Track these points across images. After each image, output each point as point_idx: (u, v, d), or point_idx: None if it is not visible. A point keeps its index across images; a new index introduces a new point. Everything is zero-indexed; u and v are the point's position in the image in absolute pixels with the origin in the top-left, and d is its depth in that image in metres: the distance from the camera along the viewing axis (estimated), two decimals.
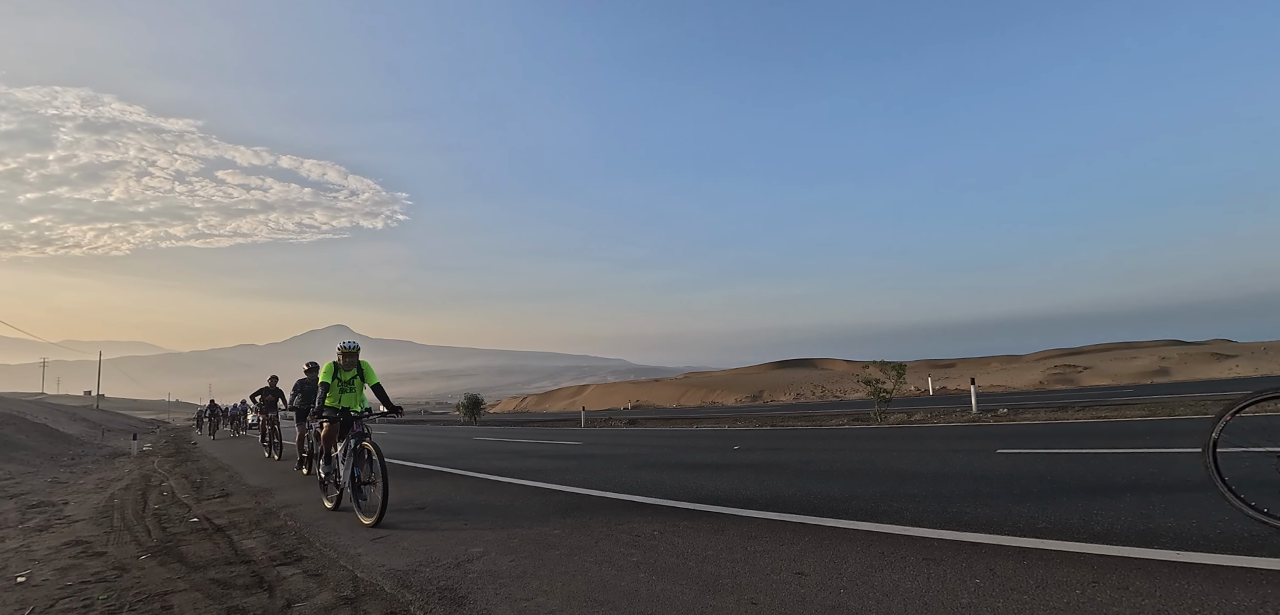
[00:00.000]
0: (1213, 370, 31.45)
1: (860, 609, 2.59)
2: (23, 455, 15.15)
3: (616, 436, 14.52)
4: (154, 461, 13.93)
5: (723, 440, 11.30)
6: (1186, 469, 4.98)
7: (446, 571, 3.64)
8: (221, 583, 3.71)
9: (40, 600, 3.56)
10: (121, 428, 34.52)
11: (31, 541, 5.38)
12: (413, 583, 3.45)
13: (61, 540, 5.35)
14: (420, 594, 3.24)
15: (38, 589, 3.82)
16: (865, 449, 8.30)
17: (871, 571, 3.03)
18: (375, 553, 4.23)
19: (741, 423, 17.11)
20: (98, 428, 31.79)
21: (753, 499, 5.12)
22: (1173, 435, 7.35)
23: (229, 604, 3.28)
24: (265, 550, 4.53)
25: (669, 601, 2.86)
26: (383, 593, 3.32)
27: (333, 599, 3.27)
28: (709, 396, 43.62)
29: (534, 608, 2.94)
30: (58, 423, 27.77)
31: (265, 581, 3.69)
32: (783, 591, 2.87)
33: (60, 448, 18.72)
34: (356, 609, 3.09)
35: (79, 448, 19.71)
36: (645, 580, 3.19)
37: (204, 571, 3.99)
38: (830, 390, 46.91)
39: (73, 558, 4.64)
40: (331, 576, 3.71)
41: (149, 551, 4.67)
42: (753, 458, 8.03)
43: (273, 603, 3.28)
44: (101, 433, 29.11)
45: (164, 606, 3.31)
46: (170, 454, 16.10)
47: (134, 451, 17.74)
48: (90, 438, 25.32)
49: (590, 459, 9.22)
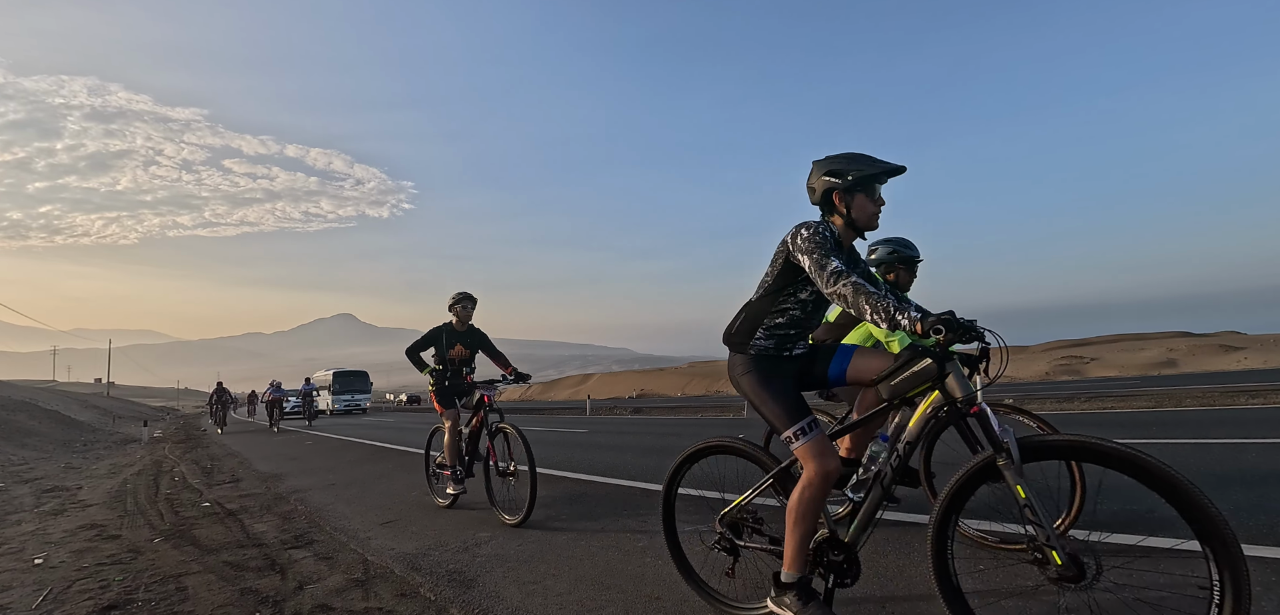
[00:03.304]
0: (1221, 362, 31.26)
1: (862, 589, 2.62)
2: (36, 441, 15.35)
3: (621, 425, 14.58)
4: (165, 448, 14.09)
5: (728, 429, 11.34)
6: (1189, 457, 4.97)
7: (455, 555, 3.69)
8: (234, 565, 3.77)
9: (57, 581, 3.63)
10: (132, 415, 34.88)
11: (47, 525, 5.47)
12: (422, 566, 3.50)
13: (76, 524, 5.44)
14: (430, 576, 3.29)
15: (55, 570, 3.90)
16: None
17: (876, 556, 3.06)
18: (385, 537, 4.29)
19: (747, 411, 17.14)
20: (108, 415, 32.14)
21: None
22: (1178, 426, 7.33)
23: (242, 586, 3.34)
24: (276, 534, 4.59)
25: (675, 585, 2.89)
26: (393, 575, 3.38)
27: (344, 581, 3.32)
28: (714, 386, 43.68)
29: (542, 590, 2.98)
30: (69, 409, 28.09)
31: (277, 564, 3.75)
32: None
33: (72, 434, 18.94)
34: (367, 591, 3.14)
35: (91, 434, 19.95)
36: (651, 565, 3.23)
37: (217, 554, 4.06)
38: None
39: (88, 541, 4.72)
40: (342, 559, 3.77)
41: (162, 535, 4.75)
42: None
43: (285, 584, 3.33)
44: (112, 419, 29.44)
45: (179, 588, 3.37)
46: (180, 440, 16.27)
47: (144, 438, 17.94)
48: (101, 424, 25.61)
49: (596, 447, 9.28)
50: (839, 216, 2.18)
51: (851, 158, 2.16)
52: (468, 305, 5.27)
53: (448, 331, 5.27)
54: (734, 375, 2.31)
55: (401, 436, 13.83)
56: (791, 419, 2.12)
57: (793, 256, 2.11)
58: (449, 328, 5.28)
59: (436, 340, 5.27)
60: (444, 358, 5.25)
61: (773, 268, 2.22)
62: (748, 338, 2.27)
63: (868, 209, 2.15)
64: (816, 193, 2.21)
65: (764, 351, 2.25)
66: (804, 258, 2.05)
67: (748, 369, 2.25)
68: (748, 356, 2.26)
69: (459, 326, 5.29)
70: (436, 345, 5.28)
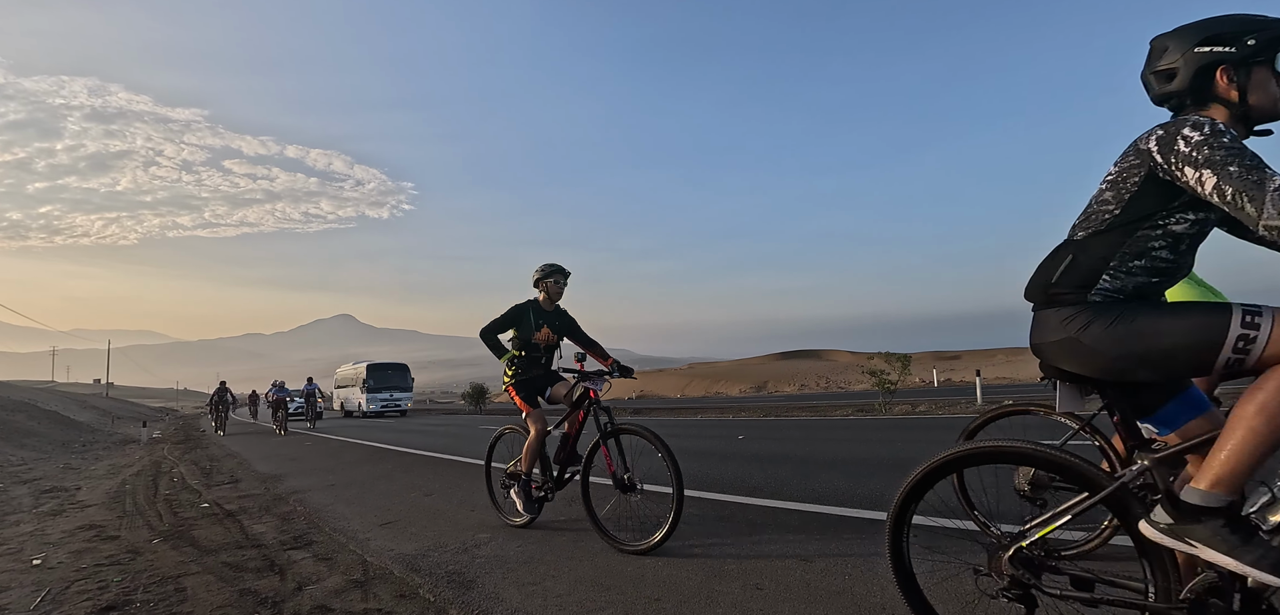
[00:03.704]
0: None
1: (864, 594, 2.62)
2: (34, 442, 15.33)
3: None
4: (164, 448, 14.07)
5: (727, 430, 11.33)
6: None
7: (454, 556, 3.68)
8: (233, 566, 3.76)
9: (56, 582, 3.62)
10: (131, 415, 34.85)
11: (45, 525, 5.46)
12: (421, 566, 3.49)
13: (75, 524, 5.43)
14: (429, 577, 3.28)
15: (53, 571, 3.89)
16: (870, 440, 8.31)
17: (877, 559, 3.05)
18: (384, 538, 4.28)
19: (746, 413, 17.14)
20: (107, 415, 32.11)
21: (757, 487, 5.15)
22: None
23: (241, 586, 3.33)
24: (275, 535, 4.58)
25: (675, 585, 2.89)
26: (392, 576, 3.37)
27: (343, 582, 3.31)
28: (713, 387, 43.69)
29: (541, 591, 2.97)
30: (68, 410, 28.07)
31: (276, 565, 3.74)
32: (787, 576, 2.90)
33: (71, 434, 18.93)
34: (366, 592, 3.14)
35: (89, 435, 19.93)
36: (651, 566, 3.22)
37: (216, 555, 4.05)
38: (835, 382, 46.90)
39: (86, 541, 4.71)
40: (341, 560, 3.76)
41: (161, 535, 4.74)
42: (757, 447, 8.06)
43: (284, 585, 3.32)
44: (111, 420, 29.41)
45: (177, 589, 3.36)
46: (179, 441, 16.25)
47: (144, 438, 17.93)
48: (100, 425, 25.59)
49: None
50: (1223, 107, 1.47)
51: (1240, 19, 1.44)
52: (560, 279, 4.32)
53: (534, 309, 4.29)
54: (1051, 339, 1.62)
55: (402, 437, 13.81)
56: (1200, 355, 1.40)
57: (1165, 170, 1.42)
58: (536, 306, 4.31)
59: (519, 320, 4.26)
60: (528, 342, 4.28)
61: (1118, 190, 1.52)
62: (1084, 285, 1.57)
63: (1273, 91, 1.43)
64: (1180, 77, 1.48)
65: (1114, 296, 1.55)
66: (1199, 172, 1.34)
67: (1092, 318, 1.53)
68: (1087, 307, 1.56)
69: (547, 305, 4.34)
70: (519, 326, 4.27)
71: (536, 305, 4.32)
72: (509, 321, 4.30)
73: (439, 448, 10.80)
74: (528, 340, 4.28)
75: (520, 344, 4.30)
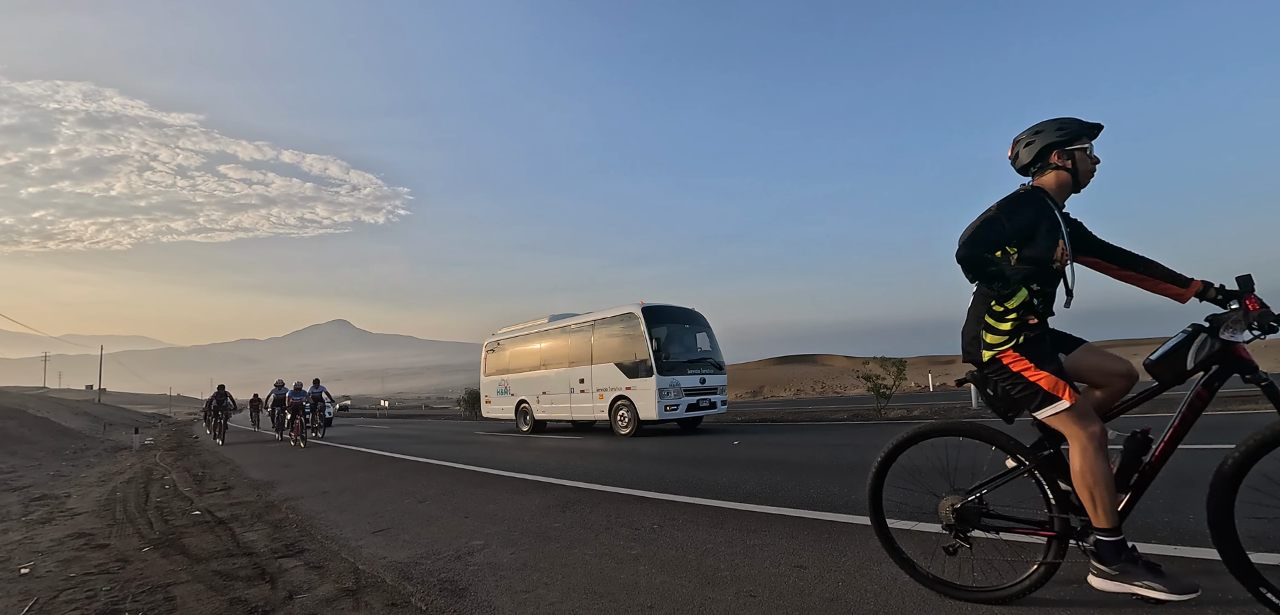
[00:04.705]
0: None
1: (858, 602, 2.61)
2: (25, 449, 15.20)
3: None
4: (156, 455, 13.96)
5: (722, 435, 11.32)
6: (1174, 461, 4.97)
7: (447, 563, 3.66)
8: (224, 574, 3.73)
9: (44, 591, 3.59)
10: (123, 422, 34.60)
11: (34, 534, 5.41)
12: (414, 574, 3.47)
13: (64, 532, 5.38)
14: (421, 585, 3.26)
15: (41, 580, 3.85)
16: (865, 445, 8.31)
17: (871, 564, 3.05)
18: (376, 546, 4.25)
19: (741, 418, 17.13)
20: (99, 422, 31.86)
21: (752, 493, 5.14)
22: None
23: (231, 596, 3.30)
24: (267, 543, 4.55)
25: (669, 594, 2.87)
26: (384, 584, 3.34)
27: (335, 591, 3.29)
28: None
29: (534, 599, 2.95)
30: (59, 417, 27.84)
31: (267, 573, 3.71)
32: (782, 584, 2.89)
33: (62, 442, 18.77)
34: (358, 601, 3.11)
35: (81, 442, 19.76)
36: (645, 573, 3.21)
37: (206, 563, 4.01)
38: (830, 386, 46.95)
39: (76, 550, 4.67)
40: (333, 568, 3.73)
41: (151, 544, 4.70)
42: (752, 453, 8.05)
43: (275, 594, 3.30)
44: (103, 427, 29.18)
45: (166, 598, 3.33)
46: (172, 448, 16.13)
47: (135, 445, 17.79)
48: (92, 432, 25.38)
49: (589, 453, 9.25)
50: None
51: None
52: (1090, 150, 2.32)
53: (1049, 209, 2.31)
54: None
55: (396, 443, 13.74)
56: None
57: None
58: (1045, 199, 2.32)
59: (1031, 224, 2.27)
60: (1046, 265, 2.22)
61: None
62: None
63: None
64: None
65: None
66: None
67: None
68: None
69: (1060, 199, 2.36)
70: (1031, 235, 2.28)
71: (1045, 198, 2.32)
72: (1012, 228, 2.26)
73: (432, 453, 10.75)
74: (1046, 262, 2.22)
75: (1030, 272, 2.24)
